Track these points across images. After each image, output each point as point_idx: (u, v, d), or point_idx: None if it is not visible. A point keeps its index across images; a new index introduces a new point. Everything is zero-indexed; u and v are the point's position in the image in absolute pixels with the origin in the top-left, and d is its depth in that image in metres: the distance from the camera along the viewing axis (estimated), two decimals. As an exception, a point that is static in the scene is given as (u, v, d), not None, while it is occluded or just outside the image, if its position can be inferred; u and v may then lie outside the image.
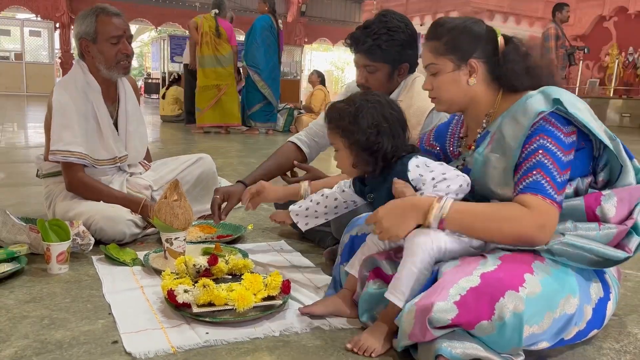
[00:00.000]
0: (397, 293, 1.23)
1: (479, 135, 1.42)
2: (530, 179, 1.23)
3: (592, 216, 1.28)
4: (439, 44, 1.38)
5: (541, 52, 1.42)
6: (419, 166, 1.34)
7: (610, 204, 1.27)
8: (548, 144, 1.23)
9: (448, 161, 1.50)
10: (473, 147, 1.42)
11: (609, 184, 1.33)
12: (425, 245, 1.23)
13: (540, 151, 1.23)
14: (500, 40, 1.37)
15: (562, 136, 1.24)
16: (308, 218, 1.62)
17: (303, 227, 1.63)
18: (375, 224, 1.32)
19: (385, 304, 1.28)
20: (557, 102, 1.24)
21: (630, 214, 1.29)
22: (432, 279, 1.23)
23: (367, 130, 1.35)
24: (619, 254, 1.24)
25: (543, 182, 1.22)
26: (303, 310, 1.42)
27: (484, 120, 1.41)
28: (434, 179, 1.31)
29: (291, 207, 1.63)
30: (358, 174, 1.47)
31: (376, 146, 1.36)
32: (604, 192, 1.28)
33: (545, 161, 1.23)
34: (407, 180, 1.34)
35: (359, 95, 1.44)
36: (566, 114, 1.24)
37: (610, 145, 1.27)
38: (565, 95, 1.26)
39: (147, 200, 2.08)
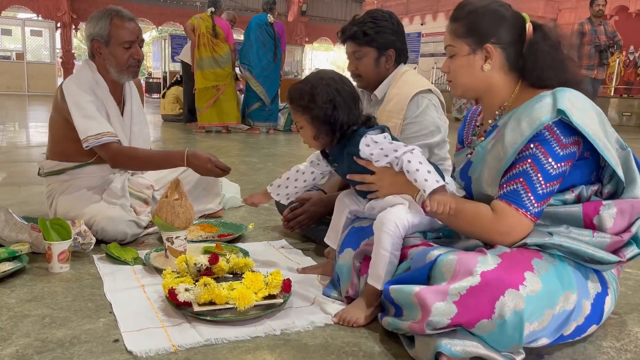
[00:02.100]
0: (374, 277, 1.38)
1: (489, 128, 1.41)
2: (511, 187, 1.25)
3: (589, 224, 1.27)
4: (457, 26, 1.36)
5: (572, 43, 1.39)
6: (368, 145, 1.47)
7: (609, 214, 1.25)
8: (539, 154, 1.23)
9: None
10: (483, 138, 1.41)
11: (615, 196, 1.31)
12: (392, 232, 1.37)
13: (529, 160, 1.23)
14: (529, 27, 1.33)
15: (557, 148, 1.22)
16: (288, 195, 1.73)
17: (285, 201, 1.75)
18: (375, 183, 1.47)
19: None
20: (561, 112, 1.21)
21: (629, 227, 1.27)
22: (429, 265, 1.23)
23: (324, 105, 1.48)
24: (609, 257, 1.23)
25: (522, 192, 1.23)
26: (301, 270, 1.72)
27: (497, 112, 1.39)
28: (387, 156, 1.43)
29: (269, 187, 1.74)
30: (320, 146, 1.58)
31: (333, 118, 1.48)
32: (604, 202, 1.26)
33: (531, 172, 1.23)
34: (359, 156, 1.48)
35: (313, 75, 1.58)
36: (571, 123, 1.21)
37: (612, 162, 1.24)
38: (576, 103, 1.23)
39: (189, 149, 1.97)
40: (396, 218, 1.38)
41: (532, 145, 1.24)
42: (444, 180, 1.37)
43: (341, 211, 1.66)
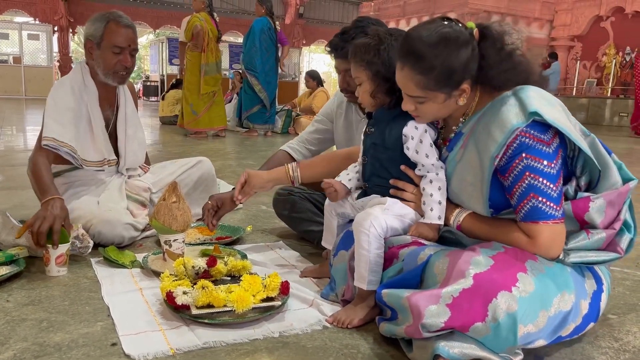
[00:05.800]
0: (358, 277, 1.39)
1: (452, 135, 1.40)
2: (528, 206, 1.22)
3: (581, 221, 1.27)
4: (426, 80, 1.25)
5: (522, 39, 1.32)
6: (417, 128, 1.42)
7: (599, 209, 1.25)
8: (533, 163, 1.20)
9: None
10: (447, 144, 1.41)
11: (591, 185, 1.31)
12: (369, 230, 1.36)
13: (527, 173, 1.21)
14: (476, 34, 1.27)
15: (545, 148, 1.20)
16: (350, 179, 1.59)
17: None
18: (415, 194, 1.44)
19: None
20: (534, 114, 1.18)
21: (618, 214, 1.28)
22: (421, 267, 1.23)
23: (389, 61, 1.42)
24: (609, 256, 1.26)
25: (541, 206, 1.21)
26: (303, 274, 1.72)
27: (461, 119, 1.38)
28: (417, 152, 1.40)
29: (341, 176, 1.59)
30: (375, 105, 1.51)
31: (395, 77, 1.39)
32: (592, 197, 1.26)
33: (536, 183, 1.20)
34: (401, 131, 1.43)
35: (383, 30, 1.51)
36: (545, 121, 1.19)
37: (588, 151, 1.23)
38: (543, 102, 1.21)
39: (56, 199, 1.75)
40: (372, 217, 1.37)
41: (522, 158, 1.21)
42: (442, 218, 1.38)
43: (330, 214, 1.66)
